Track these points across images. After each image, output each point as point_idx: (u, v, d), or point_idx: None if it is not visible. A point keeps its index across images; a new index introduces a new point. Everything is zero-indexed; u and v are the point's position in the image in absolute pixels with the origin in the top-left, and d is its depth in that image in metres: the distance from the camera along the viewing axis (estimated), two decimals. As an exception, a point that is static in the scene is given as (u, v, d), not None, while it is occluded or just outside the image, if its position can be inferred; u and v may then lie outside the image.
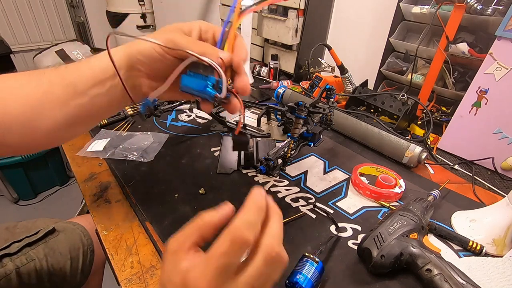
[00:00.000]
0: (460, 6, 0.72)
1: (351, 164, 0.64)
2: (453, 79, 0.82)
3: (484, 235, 0.48)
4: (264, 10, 1.07)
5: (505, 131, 0.64)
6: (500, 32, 0.60)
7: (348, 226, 0.51)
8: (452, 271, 0.38)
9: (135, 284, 0.40)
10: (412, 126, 0.84)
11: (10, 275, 0.55)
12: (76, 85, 0.35)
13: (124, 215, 0.51)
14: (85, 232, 0.68)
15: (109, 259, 0.44)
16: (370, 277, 0.42)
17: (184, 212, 0.51)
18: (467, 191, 0.61)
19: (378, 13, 1.05)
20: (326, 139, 0.76)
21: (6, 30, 2.08)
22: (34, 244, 0.61)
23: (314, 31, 1.10)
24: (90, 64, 0.35)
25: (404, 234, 0.43)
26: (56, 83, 0.35)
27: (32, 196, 1.85)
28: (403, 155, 0.65)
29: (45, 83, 0.35)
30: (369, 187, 0.56)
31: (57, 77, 0.35)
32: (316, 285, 0.38)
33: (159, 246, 0.45)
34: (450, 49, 0.78)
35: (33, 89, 0.34)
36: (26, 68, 2.21)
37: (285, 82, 1.10)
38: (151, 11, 1.97)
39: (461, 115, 0.70)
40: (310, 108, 0.58)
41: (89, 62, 0.36)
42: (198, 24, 0.36)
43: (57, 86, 0.35)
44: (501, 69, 0.62)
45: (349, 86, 0.95)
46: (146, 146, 0.67)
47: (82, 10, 2.28)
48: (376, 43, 1.02)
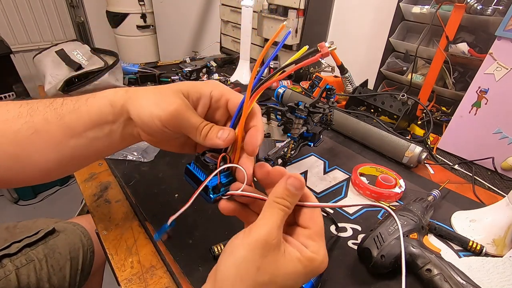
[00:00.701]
0: (460, 6, 0.72)
1: (351, 164, 0.64)
2: (453, 79, 0.82)
3: (484, 235, 0.48)
4: (264, 10, 1.07)
5: (505, 131, 0.64)
6: (500, 32, 0.60)
7: (348, 226, 0.50)
8: (452, 271, 0.38)
9: (135, 284, 0.40)
10: (412, 126, 0.84)
11: (10, 276, 0.55)
12: (73, 126, 0.32)
13: (124, 215, 0.51)
14: (85, 232, 0.68)
15: (109, 259, 0.44)
16: (370, 277, 0.42)
17: (184, 212, 0.51)
18: (467, 191, 0.61)
19: (378, 13, 1.05)
20: (326, 139, 0.76)
21: (6, 30, 2.08)
22: (34, 245, 0.61)
23: (314, 31, 1.10)
24: (88, 107, 0.32)
25: (404, 234, 0.43)
26: (52, 122, 0.32)
27: (32, 196, 1.85)
28: (403, 155, 0.65)
29: (39, 121, 0.32)
30: (369, 187, 0.56)
31: (53, 115, 0.32)
32: (316, 285, 0.38)
33: (159, 246, 0.45)
34: (450, 49, 0.78)
35: (23, 125, 0.31)
36: (26, 68, 2.21)
37: (285, 82, 1.10)
38: (151, 11, 1.97)
39: (461, 115, 0.70)
40: (310, 108, 0.58)
41: (87, 103, 0.33)
42: (209, 90, 0.32)
43: (53, 125, 0.32)
44: (501, 69, 0.62)
45: (349, 86, 0.95)
46: (146, 146, 0.67)
47: (82, 10, 2.28)
48: (376, 43, 1.02)
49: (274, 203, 0.26)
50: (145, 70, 1.07)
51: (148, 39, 2.07)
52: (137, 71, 1.06)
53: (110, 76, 0.89)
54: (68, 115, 0.32)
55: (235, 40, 1.29)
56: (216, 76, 1.10)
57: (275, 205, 0.25)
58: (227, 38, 1.34)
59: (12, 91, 1.79)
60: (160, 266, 0.43)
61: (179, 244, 0.45)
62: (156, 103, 0.30)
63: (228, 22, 1.28)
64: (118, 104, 0.32)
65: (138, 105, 0.31)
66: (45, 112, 0.32)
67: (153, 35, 2.07)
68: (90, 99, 0.33)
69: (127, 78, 1.02)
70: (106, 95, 0.32)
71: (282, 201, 0.26)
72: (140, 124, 0.32)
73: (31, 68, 2.23)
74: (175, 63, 1.25)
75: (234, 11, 1.22)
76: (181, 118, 0.30)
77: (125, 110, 0.32)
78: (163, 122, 0.30)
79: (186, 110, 0.30)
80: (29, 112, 0.32)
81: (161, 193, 0.55)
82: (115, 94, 0.32)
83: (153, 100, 0.31)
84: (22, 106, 0.33)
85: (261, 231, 0.24)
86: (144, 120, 0.31)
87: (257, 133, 0.29)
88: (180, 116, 0.30)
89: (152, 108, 0.30)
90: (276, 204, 0.25)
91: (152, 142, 0.35)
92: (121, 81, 0.94)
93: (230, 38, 1.32)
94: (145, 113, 0.30)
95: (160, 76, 1.07)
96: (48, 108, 0.32)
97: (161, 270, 0.42)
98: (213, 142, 0.30)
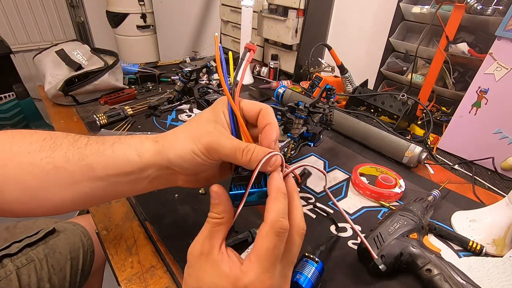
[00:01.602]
0: (460, 6, 0.72)
1: (351, 164, 0.64)
2: (453, 79, 0.82)
3: (484, 235, 0.48)
4: (264, 10, 1.07)
5: (505, 131, 0.64)
6: (500, 32, 0.60)
7: (348, 226, 0.50)
8: (452, 271, 0.38)
9: (135, 284, 0.40)
10: (412, 126, 0.84)
11: (10, 275, 0.55)
12: (95, 168, 0.31)
13: (124, 215, 0.51)
14: (85, 232, 0.68)
15: (109, 259, 0.44)
16: (370, 277, 0.42)
17: (184, 212, 0.51)
18: (467, 191, 0.61)
19: (378, 13, 1.05)
20: (326, 139, 0.76)
21: (6, 30, 2.08)
22: (34, 245, 0.61)
23: (314, 31, 1.10)
24: (114, 152, 0.31)
25: (404, 234, 0.43)
26: (73, 162, 0.31)
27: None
28: (403, 155, 0.65)
29: (60, 158, 0.31)
30: (369, 187, 0.56)
31: (75, 154, 0.31)
32: (316, 285, 0.38)
33: (159, 246, 0.45)
34: (450, 49, 0.78)
35: (43, 160, 0.30)
36: (26, 68, 2.21)
37: (285, 82, 1.10)
38: (151, 11, 1.97)
39: (461, 115, 0.70)
40: (310, 108, 0.58)
41: (113, 148, 0.31)
42: (226, 108, 0.31)
43: (73, 165, 0.30)
44: (501, 69, 0.62)
45: (349, 86, 0.95)
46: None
47: (82, 10, 2.28)
48: (376, 43, 1.02)
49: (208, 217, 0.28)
50: (145, 70, 1.08)
51: (148, 39, 2.07)
52: (137, 71, 1.06)
53: (110, 76, 0.89)
54: (91, 156, 0.31)
55: (235, 40, 1.29)
56: (216, 76, 1.10)
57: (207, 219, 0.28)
58: (227, 38, 1.35)
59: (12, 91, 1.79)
60: (160, 266, 0.43)
61: (179, 244, 0.45)
62: (191, 139, 0.30)
63: (228, 22, 1.29)
64: (147, 155, 0.31)
65: (174, 149, 0.30)
66: (67, 149, 0.31)
67: (153, 35, 2.07)
68: (116, 144, 0.32)
69: (127, 78, 1.02)
70: (132, 144, 0.31)
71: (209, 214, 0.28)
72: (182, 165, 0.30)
73: (31, 68, 2.23)
74: (175, 63, 1.25)
75: (234, 11, 1.22)
76: (216, 146, 0.29)
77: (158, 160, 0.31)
78: (205, 153, 0.29)
79: (220, 137, 0.29)
80: (51, 147, 0.31)
81: (161, 193, 0.55)
82: (142, 145, 0.31)
83: (188, 137, 0.30)
84: (45, 140, 0.32)
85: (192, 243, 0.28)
86: (186, 158, 0.30)
87: (272, 129, 0.29)
88: (215, 145, 0.29)
89: (190, 145, 0.29)
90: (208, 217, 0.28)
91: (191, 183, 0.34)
92: (121, 81, 0.94)
93: (230, 38, 1.32)
94: (186, 152, 0.29)
95: (160, 76, 1.07)
96: (72, 146, 0.31)
97: (161, 270, 0.42)
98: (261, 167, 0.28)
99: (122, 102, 0.91)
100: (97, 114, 0.77)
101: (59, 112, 0.85)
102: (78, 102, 0.89)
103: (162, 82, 1.07)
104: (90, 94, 0.89)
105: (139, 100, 0.93)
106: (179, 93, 0.75)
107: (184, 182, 0.34)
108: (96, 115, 0.77)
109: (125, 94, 0.92)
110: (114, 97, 0.90)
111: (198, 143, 0.29)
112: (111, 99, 0.88)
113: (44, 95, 0.90)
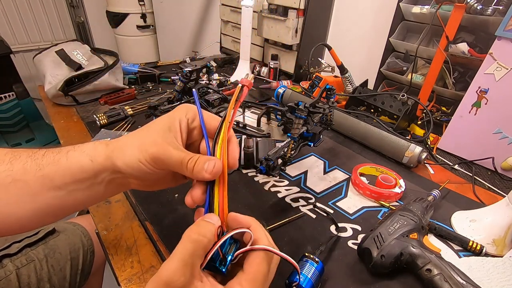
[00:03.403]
0: (460, 6, 0.72)
1: (351, 164, 0.64)
2: (453, 79, 0.82)
3: (484, 235, 0.48)
4: (264, 10, 1.07)
5: (505, 131, 0.64)
6: (500, 32, 0.60)
7: (348, 226, 0.50)
8: (452, 271, 0.38)
9: (135, 284, 0.40)
10: (412, 126, 0.84)
11: (10, 276, 0.55)
12: (53, 178, 0.31)
13: (124, 215, 0.51)
14: (85, 233, 0.68)
15: (109, 259, 0.44)
16: (370, 277, 0.42)
17: (184, 212, 0.51)
18: (467, 191, 0.61)
19: (378, 13, 1.05)
20: (326, 139, 0.76)
21: (6, 30, 2.08)
22: (34, 245, 0.61)
23: (314, 31, 1.10)
24: (69, 160, 0.31)
25: (404, 234, 0.43)
26: (31, 173, 0.31)
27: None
28: (403, 155, 0.65)
29: (18, 170, 0.31)
30: (369, 187, 0.56)
31: (32, 165, 0.31)
32: (316, 285, 0.38)
33: (159, 246, 0.45)
34: (450, 49, 0.78)
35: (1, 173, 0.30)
36: (26, 68, 2.21)
37: (285, 82, 1.10)
38: (151, 11, 1.97)
39: (461, 115, 0.70)
40: (310, 108, 0.58)
41: (67, 155, 0.32)
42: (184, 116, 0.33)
43: (31, 176, 0.31)
44: (501, 69, 0.62)
45: (349, 86, 0.95)
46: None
47: (82, 10, 2.28)
48: (376, 43, 1.02)
49: (185, 235, 0.26)
50: (145, 70, 1.08)
51: (148, 39, 2.07)
52: (137, 71, 1.06)
53: (110, 76, 0.89)
54: (48, 166, 0.31)
55: (235, 40, 1.29)
56: (216, 76, 1.10)
57: (185, 238, 0.26)
58: (227, 38, 1.35)
59: (12, 91, 1.79)
60: (160, 266, 0.43)
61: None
62: (138, 148, 0.30)
63: (228, 22, 1.29)
64: (99, 160, 0.31)
65: (122, 156, 0.31)
66: (25, 161, 0.31)
67: (153, 35, 2.07)
68: (71, 152, 0.32)
69: (127, 78, 1.02)
70: (85, 150, 0.32)
71: (191, 232, 0.26)
72: (130, 172, 0.31)
73: (31, 68, 2.23)
74: (175, 63, 1.26)
75: (234, 11, 1.22)
76: (163, 157, 0.30)
77: (109, 164, 0.31)
78: (151, 163, 0.30)
79: (167, 148, 0.30)
80: (11, 160, 0.31)
81: (161, 193, 0.55)
82: (95, 150, 0.32)
83: (136, 146, 0.31)
84: (6, 154, 0.32)
85: (164, 272, 0.24)
86: (133, 166, 0.30)
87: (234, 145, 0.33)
88: (161, 156, 0.30)
89: (137, 154, 0.30)
90: (187, 236, 0.26)
91: (145, 187, 0.35)
92: (121, 81, 0.94)
93: (230, 38, 1.32)
94: (132, 161, 0.30)
95: (160, 76, 1.07)
96: (30, 157, 0.32)
97: (161, 270, 0.42)
98: (201, 175, 0.30)
99: (122, 102, 0.91)
100: (97, 114, 0.77)
101: (59, 112, 0.85)
102: (78, 102, 0.89)
103: (162, 82, 1.08)
104: (90, 94, 0.89)
105: (139, 100, 0.93)
106: (179, 93, 0.75)
107: (137, 186, 0.35)
108: (96, 115, 0.77)
109: (125, 94, 0.92)
110: (114, 97, 0.90)
111: (145, 153, 0.30)
112: (111, 99, 0.88)
113: (44, 95, 0.90)
